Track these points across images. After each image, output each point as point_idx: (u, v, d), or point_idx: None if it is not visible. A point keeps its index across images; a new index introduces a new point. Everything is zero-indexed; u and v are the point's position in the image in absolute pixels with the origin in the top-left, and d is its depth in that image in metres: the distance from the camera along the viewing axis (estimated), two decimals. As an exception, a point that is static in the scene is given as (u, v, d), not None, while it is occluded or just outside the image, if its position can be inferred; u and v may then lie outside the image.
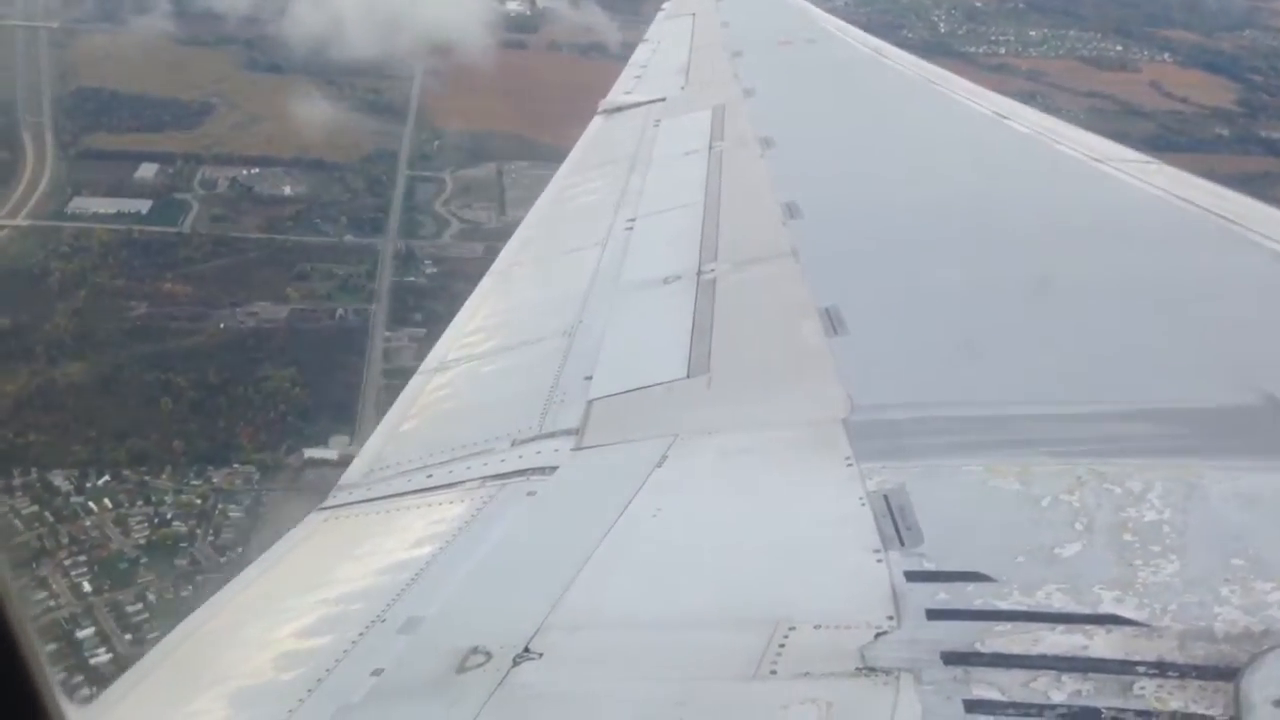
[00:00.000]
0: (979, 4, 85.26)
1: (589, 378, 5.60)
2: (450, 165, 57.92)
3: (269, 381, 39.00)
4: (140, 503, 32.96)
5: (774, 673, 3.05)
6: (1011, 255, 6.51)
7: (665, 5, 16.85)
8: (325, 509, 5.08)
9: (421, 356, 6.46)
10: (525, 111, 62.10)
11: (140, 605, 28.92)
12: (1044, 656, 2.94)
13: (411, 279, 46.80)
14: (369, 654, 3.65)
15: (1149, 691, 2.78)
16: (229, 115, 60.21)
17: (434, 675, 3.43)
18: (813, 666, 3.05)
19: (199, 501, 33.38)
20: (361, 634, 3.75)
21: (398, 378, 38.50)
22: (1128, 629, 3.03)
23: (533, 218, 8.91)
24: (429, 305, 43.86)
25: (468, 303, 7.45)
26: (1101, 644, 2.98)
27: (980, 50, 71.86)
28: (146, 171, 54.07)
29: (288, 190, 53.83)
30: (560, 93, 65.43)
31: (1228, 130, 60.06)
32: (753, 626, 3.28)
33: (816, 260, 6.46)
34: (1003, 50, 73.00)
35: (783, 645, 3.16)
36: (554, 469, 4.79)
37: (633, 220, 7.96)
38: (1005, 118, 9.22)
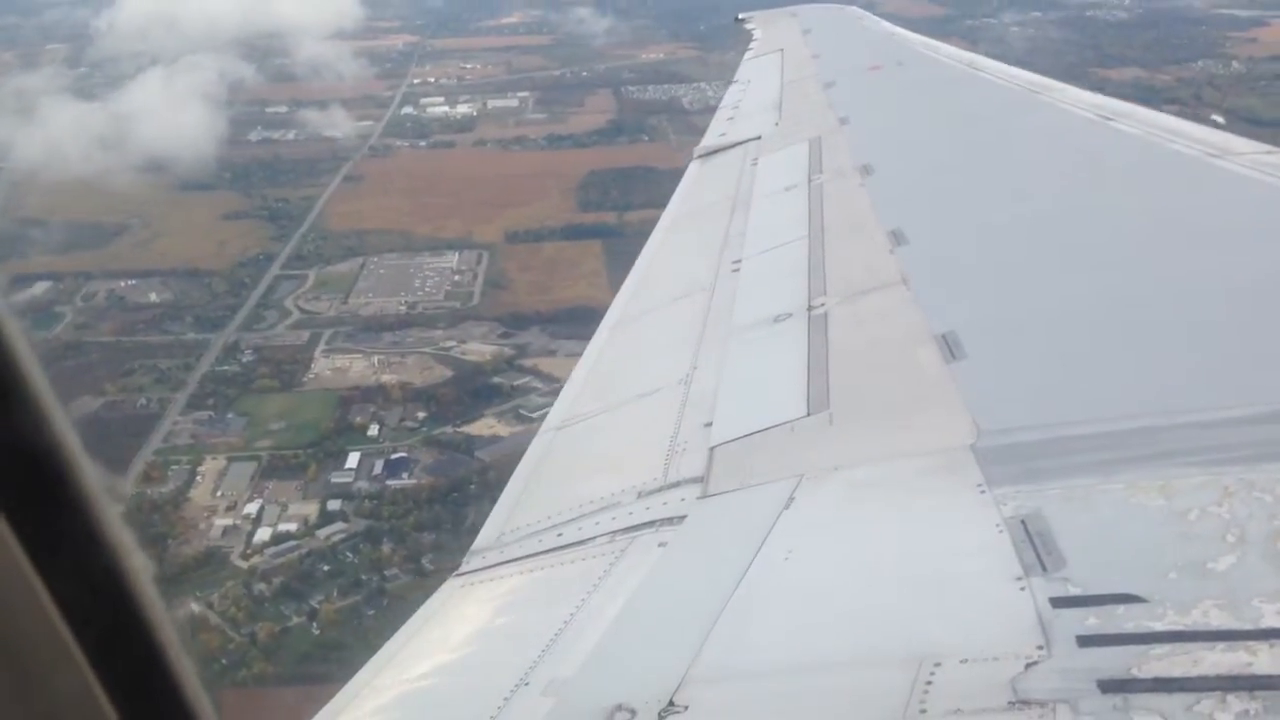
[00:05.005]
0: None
1: (709, 424, 5.60)
2: (320, 263, 61.40)
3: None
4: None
5: (924, 711, 2.99)
6: (1132, 262, 6.33)
7: (752, 45, 16.90)
8: (460, 575, 5.15)
9: (198, 437, 6.45)
10: (419, 207, 66.72)
11: None
12: (1206, 677, 2.82)
13: (224, 368, 50.12)
14: (514, 719, 3.68)
15: None
16: (140, 234, 65.01)
17: None
18: (964, 703, 2.98)
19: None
20: (506, 699, 3.78)
21: (164, 454, 42.33)
22: None
23: (638, 268, 8.94)
24: (225, 390, 47.76)
25: (582, 358, 7.51)
26: (1266, 660, 2.85)
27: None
28: (38, 289, 58.15)
29: (154, 297, 57.87)
30: (462, 186, 70.43)
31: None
32: (897, 665, 3.22)
33: (928, 286, 6.37)
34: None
35: (930, 682, 3.09)
36: (682, 518, 4.79)
37: (738, 261, 7.96)
38: (1111, 120, 9.00)
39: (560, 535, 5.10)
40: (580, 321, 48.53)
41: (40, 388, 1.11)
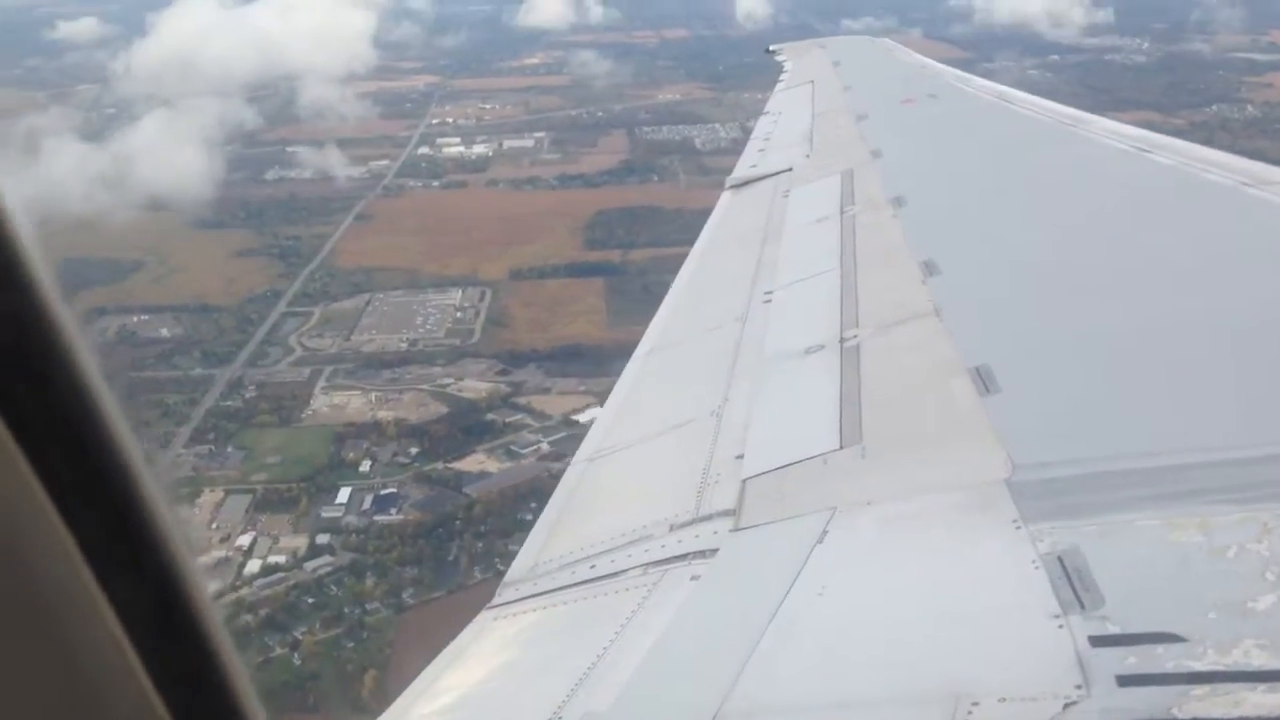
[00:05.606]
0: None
1: (740, 456, 5.58)
2: (326, 300, 61.88)
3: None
4: None
5: None
6: (1167, 295, 6.28)
7: (783, 76, 16.95)
8: (493, 607, 5.15)
9: (198, 470, 6.41)
10: (427, 245, 67.10)
11: None
12: (1247, 719, 2.78)
13: (227, 403, 50.80)
14: None
15: None
16: (155, 270, 65.81)
17: None
18: None
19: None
20: None
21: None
22: None
23: (670, 299, 8.95)
24: (226, 425, 48.46)
25: (615, 389, 7.51)
26: None
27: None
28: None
29: (164, 332, 58.50)
30: (471, 224, 70.57)
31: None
32: (933, 703, 3.19)
33: (961, 318, 6.34)
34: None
35: None
36: (714, 551, 4.77)
37: (770, 293, 7.96)
38: (1147, 151, 8.96)
39: (593, 567, 5.09)
40: (576, 359, 49.08)
41: (106, 401, 1.14)
